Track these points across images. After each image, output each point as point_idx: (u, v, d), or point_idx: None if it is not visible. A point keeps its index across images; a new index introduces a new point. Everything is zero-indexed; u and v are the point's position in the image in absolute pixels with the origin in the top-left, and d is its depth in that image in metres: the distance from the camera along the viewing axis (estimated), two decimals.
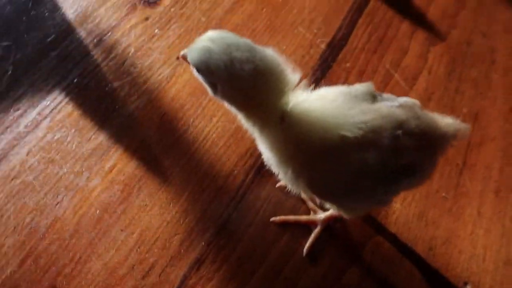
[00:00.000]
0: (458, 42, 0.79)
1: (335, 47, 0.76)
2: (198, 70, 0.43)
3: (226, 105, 0.44)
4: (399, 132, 0.42)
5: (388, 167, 0.42)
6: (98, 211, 0.58)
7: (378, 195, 0.46)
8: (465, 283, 0.56)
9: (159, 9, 0.78)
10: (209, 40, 0.42)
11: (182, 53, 0.46)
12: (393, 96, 0.48)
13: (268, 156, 0.46)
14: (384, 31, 0.79)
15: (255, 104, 0.41)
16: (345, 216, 0.53)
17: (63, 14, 0.76)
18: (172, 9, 0.79)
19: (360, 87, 0.46)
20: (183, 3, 0.80)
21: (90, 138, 0.64)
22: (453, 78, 0.75)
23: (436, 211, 0.61)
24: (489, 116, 0.71)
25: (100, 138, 0.64)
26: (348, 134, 0.40)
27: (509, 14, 0.84)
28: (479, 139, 0.69)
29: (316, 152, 0.41)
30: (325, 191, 0.45)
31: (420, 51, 0.77)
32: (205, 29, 0.77)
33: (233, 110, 0.44)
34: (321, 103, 0.42)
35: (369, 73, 0.74)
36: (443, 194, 0.63)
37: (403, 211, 0.61)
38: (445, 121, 0.47)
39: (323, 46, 0.76)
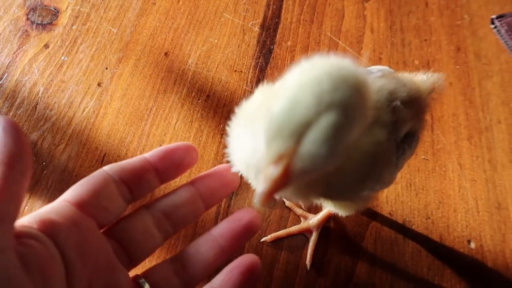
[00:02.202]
0: None
1: (270, 27, 0.69)
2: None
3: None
4: (397, 103, 0.37)
5: (394, 142, 0.38)
6: None
7: (390, 174, 0.41)
8: (469, 241, 0.55)
9: (58, 30, 0.66)
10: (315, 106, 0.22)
11: (262, 190, 0.24)
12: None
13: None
14: None
15: None
16: (346, 214, 0.48)
17: None
18: (74, 27, 0.66)
19: None
20: (84, 17, 0.67)
21: (23, 212, 0.52)
22: (395, 31, 0.72)
23: (421, 175, 0.59)
24: (439, 61, 0.69)
25: (35, 209, 0.53)
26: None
27: None
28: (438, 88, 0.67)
29: None
30: (344, 189, 0.37)
31: (356, 10, 0.73)
32: (121, 41, 0.66)
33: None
34: None
35: (313, 46, 0.68)
36: (423, 157, 0.60)
37: (391, 186, 0.58)
38: (420, 78, 0.44)
39: (256, 29, 0.69)
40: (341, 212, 0.48)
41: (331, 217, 0.54)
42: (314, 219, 0.53)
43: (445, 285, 0.52)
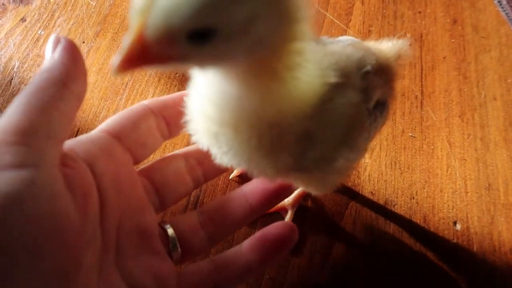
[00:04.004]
0: None
1: None
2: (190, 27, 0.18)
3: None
4: (368, 68, 0.35)
5: (366, 108, 0.36)
6: None
7: (364, 141, 0.39)
8: (454, 223, 0.52)
9: (36, 4, 0.64)
10: None
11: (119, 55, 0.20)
12: (330, 38, 0.41)
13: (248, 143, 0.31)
14: None
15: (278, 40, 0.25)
16: (319, 192, 0.46)
17: None
18: (52, 0, 0.64)
19: None
20: None
21: None
22: (387, 2, 0.68)
23: (407, 153, 0.56)
24: (434, 34, 0.65)
25: None
26: (330, 80, 0.31)
27: None
28: (431, 63, 0.63)
29: (305, 113, 0.30)
30: (319, 157, 0.35)
31: None
32: (99, 15, 0.64)
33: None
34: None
35: None
36: (410, 134, 0.57)
37: (374, 164, 0.55)
38: (385, 46, 0.42)
39: None
40: (314, 190, 0.45)
41: (308, 196, 0.52)
42: (289, 197, 0.50)
43: (427, 269, 0.50)
